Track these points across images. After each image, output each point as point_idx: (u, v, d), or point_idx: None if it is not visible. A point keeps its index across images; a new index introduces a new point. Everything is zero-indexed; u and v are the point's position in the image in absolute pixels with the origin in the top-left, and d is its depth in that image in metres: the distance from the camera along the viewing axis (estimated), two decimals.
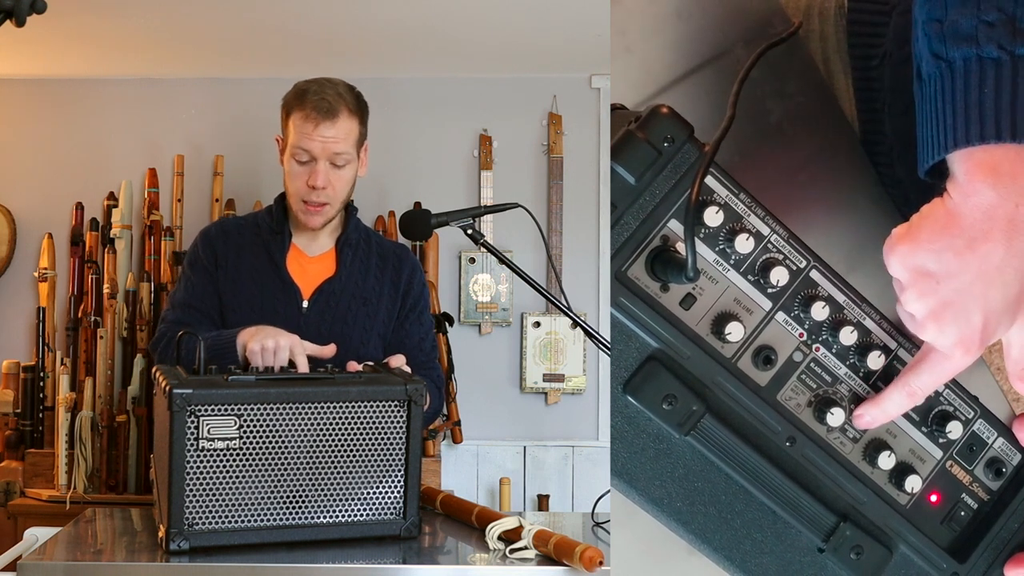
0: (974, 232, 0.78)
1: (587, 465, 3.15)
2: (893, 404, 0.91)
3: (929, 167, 0.82)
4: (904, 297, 0.83)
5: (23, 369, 2.99)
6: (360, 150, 1.98)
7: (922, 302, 0.81)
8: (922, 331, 0.83)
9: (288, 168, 1.96)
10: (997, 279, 0.79)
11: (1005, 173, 0.77)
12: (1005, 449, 0.97)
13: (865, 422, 0.92)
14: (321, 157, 1.91)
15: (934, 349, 0.85)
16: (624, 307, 0.85)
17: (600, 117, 3.15)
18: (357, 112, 1.95)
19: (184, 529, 1.42)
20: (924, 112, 0.82)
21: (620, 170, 0.84)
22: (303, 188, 1.93)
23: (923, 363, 0.87)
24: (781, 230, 0.90)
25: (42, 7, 1.03)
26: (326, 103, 1.89)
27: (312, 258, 2.03)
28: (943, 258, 0.79)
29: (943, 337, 0.82)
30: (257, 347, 1.67)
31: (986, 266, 0.78)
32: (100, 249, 3.04)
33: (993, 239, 0.78)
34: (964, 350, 0.82)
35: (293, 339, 1.70)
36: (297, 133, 1.92)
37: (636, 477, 0.88)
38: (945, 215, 0.80)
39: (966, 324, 0.80)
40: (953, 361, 0.84)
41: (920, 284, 0.81)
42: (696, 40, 1.04)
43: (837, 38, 1.15)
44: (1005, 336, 0.84)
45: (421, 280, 2.09)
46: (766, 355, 0.88)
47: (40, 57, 2.94)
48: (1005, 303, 0.80)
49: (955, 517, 0.96)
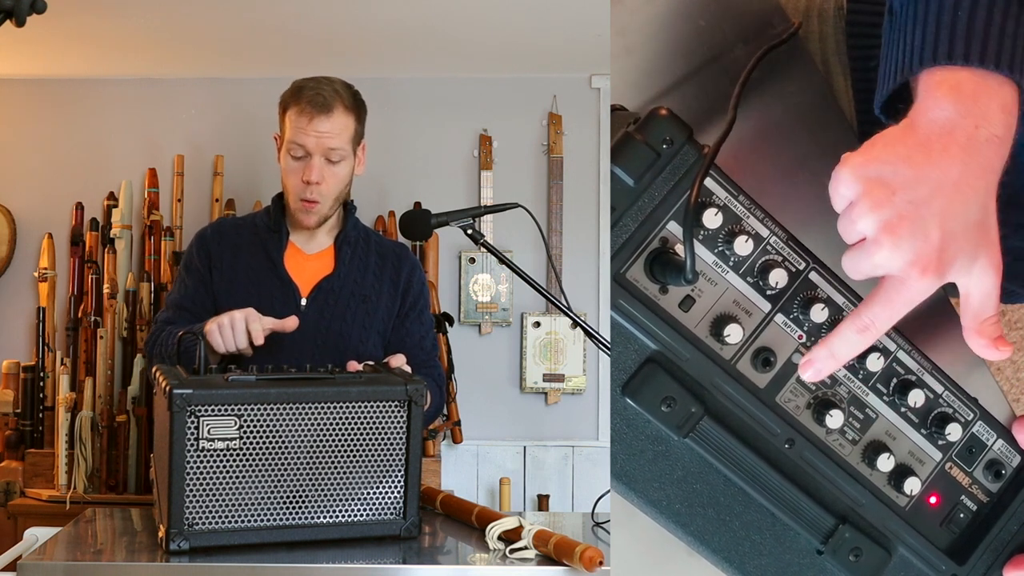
0: (931, 144, 0.75)
1: (587, 465, 3.15)
2: (844, 343, 0.82)
3: (886, 100, 0.79)
4: (855, 213, 0.76)
5: (23, 369, 2.99)
6: (357, 148, 1.99)
7: (875, 214, 0.75)
8: (874, 251, 0.76)
9: (284, 164, 1.97)
10: (956, 196, 0.75)
11: (968, 94, 0.75)
12: (1004, 451, 0.97)
13: (814, 371, 0.83)
14: (315, 152, 1.92)
15: (888, 278, 0.78)
16: (623, 309, 0.85)
17: (600, 117, 3.14)
18: (353, 109, 1.96)
19: (184, 529, 1.42)
20: (891, 43, 0.79)
21: (619, 172, 0.84)
22: (299, 185, 1.94)
23: (876, 293, 0.79)
24: (780, 232, 0.90)
25: (42, 7, 1.03)
26: (321, 98, 1.91)
27: (310, 256, 2.03)
28: (899, 168, 0.75)
29: (898, 255, 0.75)
30: (214, 326, 1.71)
31: (944, 179, 0.74)
32: (100, 249, 3.04)
33: (951, 154, 0.75)
34: (921, 270, 0.75)
35: (247, 311, 1.73)
36: (292, 128, 1.93)
37: (635, 479, 0.88)
38: (902, 129, 0.77)
39: (923, 239, 0.74)
40: (909, 286, 0.76)
41: (874, 194, 0.75)
42: (696, 41, 1.04)
43: (836, 39, 1.15)
44: (964, 284, 0.78)
45: (421, 279, 2.09)
46: (765, 357, 0.88)
47: (40, 57, 2.94)
48: (964, 225, 0.75)
49: (954, 519, 0.96)
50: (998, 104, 0.75)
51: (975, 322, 0.80)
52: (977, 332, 0.80)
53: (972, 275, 0.78)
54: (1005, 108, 0.76)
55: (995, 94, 0.76)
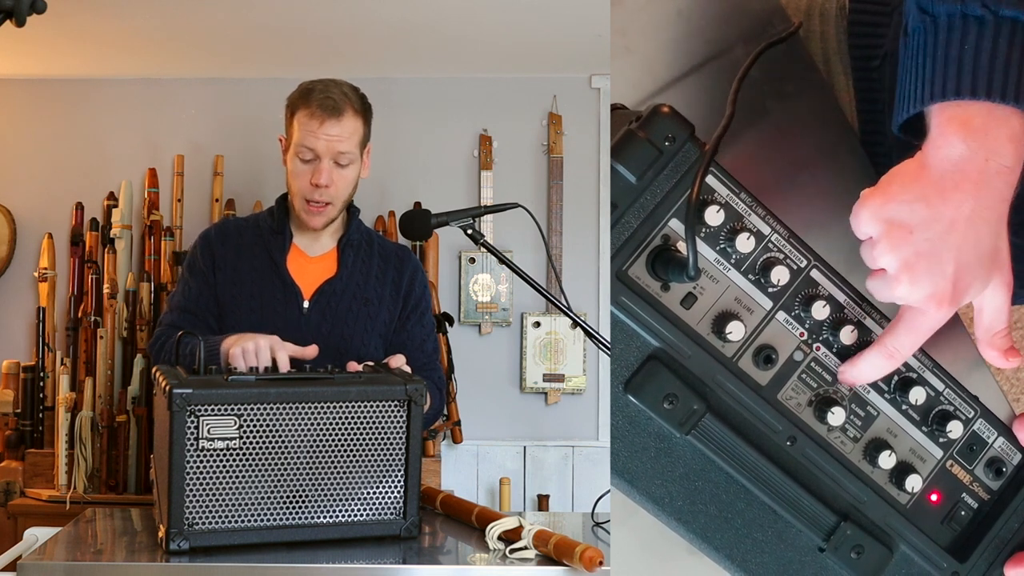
0: (944, 183, 0.79)
1: (587, 465, 3.15)
2: (870, 367, 0.89)
3: (904, 121, 0.82)
4: (876, 251, 0.82)
5: (23, 369, 2.99)
6: (363, 152, 1.98)
7: (895, 254, 0.80)
8: (895, 286, 0.82)
9: (292, 167, 1.96)
10: (969, 230, 0.79)
11: (977, 128, 0.78)
12: (1005, 449, 0.97)
13: (846, 379, 0.91)
14: (325, 155, 1.91)
15: (909, 309, 0.84)
16: (625, 306, 0.85)
17: (600, 117, 3.15)
18: (361, 112, 1.95)
19: (184, 529, 1.42)
20: (905, 67, 0.82)
21: (621, 169, 0.84)
22: (306, 187, 1.93)
23: (899, 323, 0.86)
24: (782, 229, 0.90)
25: (42, 7, 1.03)
26: (331, 101, 1.90)
27: (313, 258, 2.02)
28: (915, 208, 0.79)
29: (916, 290, 0.81)
30: (238, 351, 1.68)
31: (957, 216, 0.79)
32: (100, 249, 3.04)
33: (963, 190, 0.78)
34: (937, 304, 0.81)
35: (272, 339, 1.71)
36: (302, 131, 1.91)
37: (637, 476, 0.88)
38: (916, 168, 0.80)
39: (940, 275, 0.80)
40: (928, 317, 0.83)
41: (893, 235, 0.80)
42: (696, 39, 1.04)
43: (838, 39, 1.16)
44: (977, 301, 0.83)
45: (423, 282, 2.09)
46: (767, 354, 0.88)
47: (40, 57, 2.94)
48: (977, 256, 0.80)
49: (955, 516, 0.96)
50: (1007, 135, 0.78)
51: (987, 335, 0.85)
52: (989, 344, 0.86)
53: (984, 295, 0.83)
54: (1014, 138, 0.78)
55: (1004, 124, 0.78)
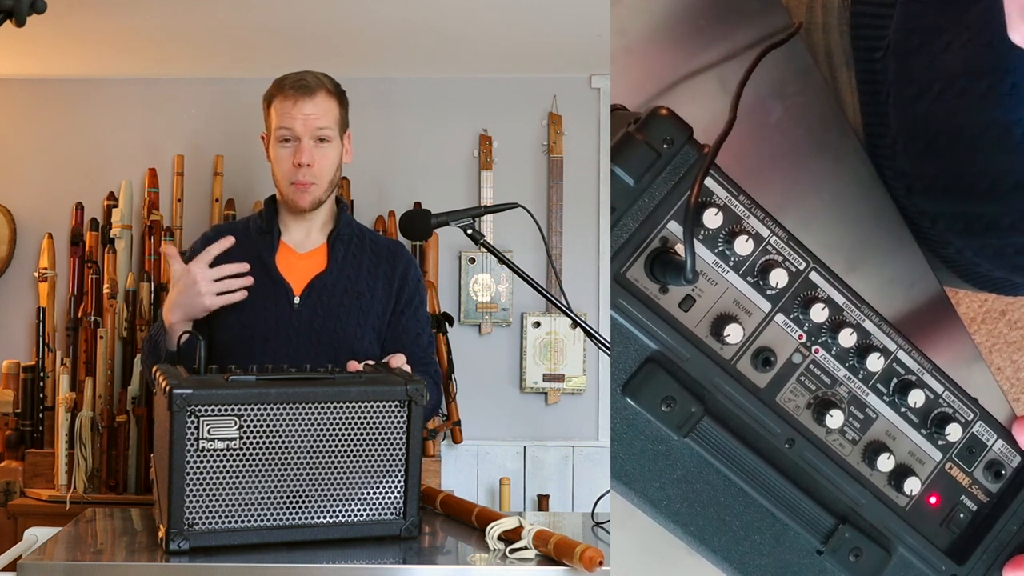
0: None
1: (587, 465, 3.15)
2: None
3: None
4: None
5: (23, 369, 2.99)
6: (343, 135, 2.02)
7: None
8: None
9: (274, 154, 1.99)
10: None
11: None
12: (1004, 451, 0.97)
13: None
14: (304, 134, 1.94)
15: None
16: (623, 309, 0.85)
17: (600, 117, 3.15)
18: (336, 94, 2.00)
19: (184, 529, 1.42)
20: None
21: (619, 172, 0.84)
22: (290, 169, 1.96)
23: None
24: (780, 232, 0.89)
25: (42, 7, 1.03)
26: (304, 82, 1.96)
27: (303, 255, 2.03)
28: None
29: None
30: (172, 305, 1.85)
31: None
32: (100, 249, 3.04)
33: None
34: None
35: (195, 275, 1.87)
36: (279, 115, 1.96)
37: (635, 479, 0.88)
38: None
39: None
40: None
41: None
42: (696, 41, 1.04)
43: (840, 30, 1.15)
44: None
45: (416, 275, 2.09)
46: (765, 357, 0.88)
47: (40, 57, 2.94)
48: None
49: (954, 519, 0.96)
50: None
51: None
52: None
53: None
54: None
55: None
